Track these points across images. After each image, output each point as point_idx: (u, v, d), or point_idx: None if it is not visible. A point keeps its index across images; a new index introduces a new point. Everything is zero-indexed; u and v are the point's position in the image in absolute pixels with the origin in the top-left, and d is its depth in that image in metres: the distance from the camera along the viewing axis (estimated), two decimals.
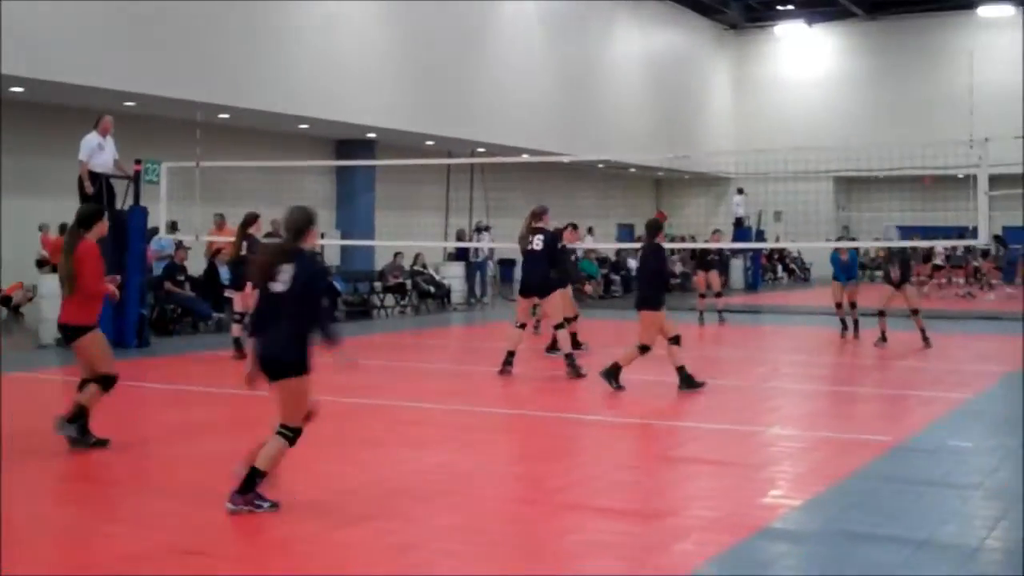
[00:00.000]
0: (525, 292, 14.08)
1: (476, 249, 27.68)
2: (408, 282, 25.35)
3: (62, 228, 21.41)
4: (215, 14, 22.43)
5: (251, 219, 15.75)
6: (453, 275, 27.49)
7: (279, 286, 6.96)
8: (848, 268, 18.80)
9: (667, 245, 30.61)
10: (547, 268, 13.80)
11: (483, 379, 13.78)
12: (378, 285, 24.93)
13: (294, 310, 6.93)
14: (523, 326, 14.22)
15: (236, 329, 15.53)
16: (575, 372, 13.39)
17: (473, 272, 28.17)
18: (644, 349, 12.16)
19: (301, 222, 7.24)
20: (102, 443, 8.78)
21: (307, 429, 7.14)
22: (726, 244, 25.69)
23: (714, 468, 8.81)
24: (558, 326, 13.92)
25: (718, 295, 22.21)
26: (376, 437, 9.80)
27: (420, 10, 28.03)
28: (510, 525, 7.04)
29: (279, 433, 7.04)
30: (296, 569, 6.01)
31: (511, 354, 13.71)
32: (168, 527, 6.82)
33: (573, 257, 21.00)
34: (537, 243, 13.80)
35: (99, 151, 16.61)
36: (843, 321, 18.85)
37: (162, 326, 18.78)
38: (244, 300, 15.21)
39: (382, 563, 6.07)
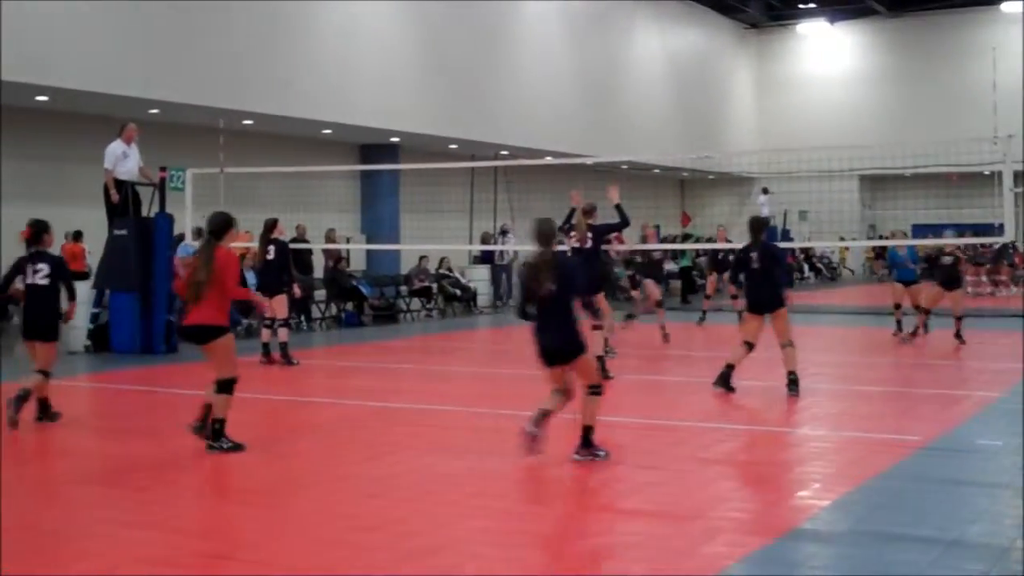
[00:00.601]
0: None
1: (501, 252, 27.69)
2: (434, 286, 25.38)
3: (76, 235, 21.56)
4: (237, 21, 22.52)
5: (271, 224, 15.86)
6: (479, 278, 27.51)
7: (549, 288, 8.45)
8: (904, 266, 18.47)
9: (693, 247, 30.36)
10: (596, 266, 13.62)
11: (510, 382, 13.77)
12: (404, 289, 24.98)
13: (562, 306, 8.51)
14: None
15: (265, 334, 15.57)
16: (603, 374, 13.35)
17: (499, 275, 28.18)
18: (786, 346, 12.10)
19: (549, 233, 8.72)
20: (238, 447, 8.94)
21: (332, 434, 7.16)
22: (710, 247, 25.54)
23: (743, 469, 8.78)
24: (595, 327, 13.74)
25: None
26: (402, 440, 9.80)
27: (441, 13, 28.07)
28: (537, 527, 7.02)
29: (591, 393, 8.67)
30: (323, 571, 6.01)
31: None
32: (194, 529, 6.85)
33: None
34: (586, 240, 13.67)
35: (124, 159, 16.72)
36: (899, 323, 18.50)
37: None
38: (276, 305, 15.27)
39: (408, 566, 6.07)
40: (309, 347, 19.11)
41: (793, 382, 12.02)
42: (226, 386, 8.89)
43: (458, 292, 25.93)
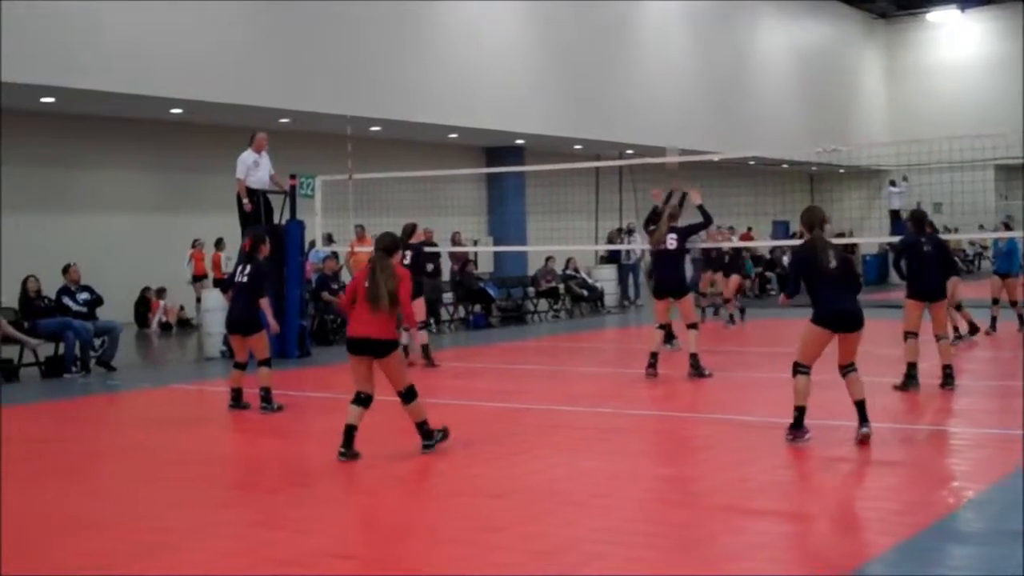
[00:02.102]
0: (659, 294, 13.96)
1: (627, 251, 27.60)
2: (561, 286, 25.42)
3: (217, 243, 22.15)
4: (363, 30, 22.86)
5: (410, 229, 16.04)
6: (605, 278, 27.44)
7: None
8: (1005, 259, 17.89)
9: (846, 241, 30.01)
10: (682, 268, 13.70)
11: (634, 382, 13.72)
12: (531, 290, 25.07)
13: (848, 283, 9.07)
14: (664, 327, 14.08)
15: (404, 337, 15.47)
16: (698, 372, 13.27)
17: (625, 274, 28.08)
18: (942, 338, 12.00)
19: (824, 219, 9.21)
20: (443, 435, 9.33)
21: (460, 435, 7.20)
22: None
23: (873, 467, 8.62)
24: (691, 325, 13.69)
25: (726, 301, 21.13)
26: (527, 440, 9.84)
27: (564, 14, 28.12)
28: (662, 527, 6.99)
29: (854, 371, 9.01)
30: (449, 571, 6.08)
31: (654, 356, 13.63)
32: (322, 530, 6.98)
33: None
34: (671, 242, 13.69)
35: (255, 168, 17.03)
36: (993, 319, 17.79)
37: (322, 336, 19.15)
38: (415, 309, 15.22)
39: (531, 566, 6.09)
40: (438, 349, 19.27)
41: (949, 376, 11.81)
42: (410, 394, 9.10)
43: (585, 292, 25.91)
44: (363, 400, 9.04)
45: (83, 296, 16.24)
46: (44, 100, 19.72)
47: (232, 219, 17.84)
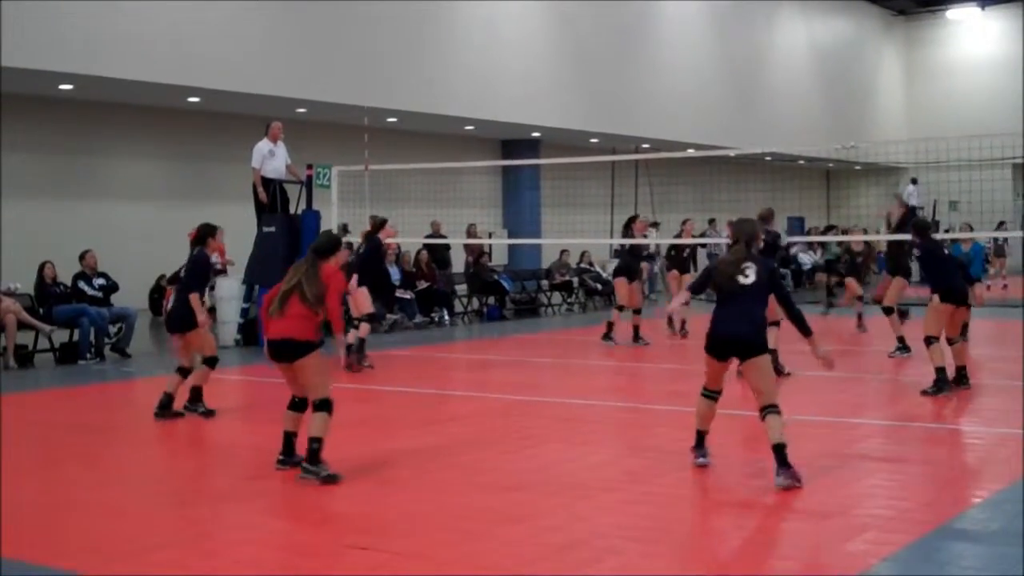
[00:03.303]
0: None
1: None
2: (575, 280, 25.41)
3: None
4: (380, 20, 22.85)
5: (379, 224, 15.21)
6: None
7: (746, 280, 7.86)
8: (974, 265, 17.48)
9: (838, 239, 29.80)
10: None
11: (649, 375, 13.72)
12: (545, 283, 25.06)
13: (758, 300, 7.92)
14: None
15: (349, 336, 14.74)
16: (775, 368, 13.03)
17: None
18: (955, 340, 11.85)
19: (753, 234, 8.16)
20: (332, 478, 7.90)
21: (475, 427, 7.22)
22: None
23: (889, 465, 8.59)
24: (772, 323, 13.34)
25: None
26: (541, 434, 9.85)
27: (581, 7, 28.07)
28: (676, 523, 6.99)
29: (773, 413, 7.70)
30: (457, 563, 6.08)
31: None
32: (338, 520, 6.99)
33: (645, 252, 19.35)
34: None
35: (270, 157, 17.07)
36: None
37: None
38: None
39: (545, 560, 6.10)
40: (451, 341, 19.32)
41: (964, 376, 11.76)
42: (324, 406, 8.06)
43: (599, 286, 25.87)
44: (297, 405, 8.34)
45: (99, 282, 16.30)
46: (62, 87, 19.75)
47: (248, 208, 17.89)
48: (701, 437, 8.26)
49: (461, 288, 23.22)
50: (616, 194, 30.80)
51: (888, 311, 15.14)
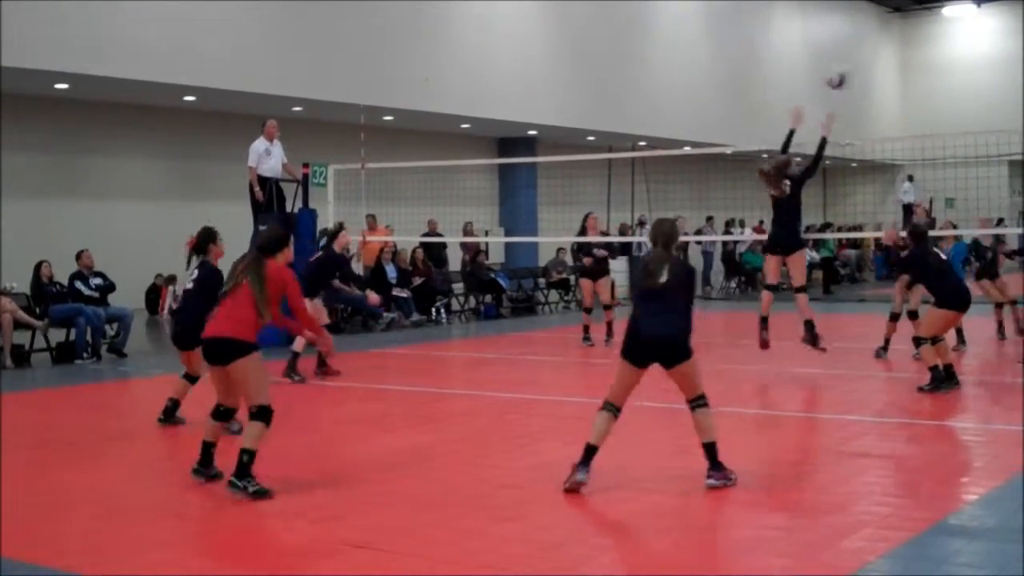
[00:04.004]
0: (771, 248, 13.83)
1: (639, 243, 27.54)
2: (571, 277, 25.41)
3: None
4: (376, 18, 22.83)
5: (334, 231, 14.52)
6: (617, 270, 27.35)
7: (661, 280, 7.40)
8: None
9: (835, 236, 29.73)
10: (798, 221, 13.72)
11: (647, 374, 13.68)
12: (542, 281, 25.06)
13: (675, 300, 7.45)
14: (772, 288, 13.50)
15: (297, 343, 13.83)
16: (812, 339, 12.84)
17: (637, 266, 28.02)
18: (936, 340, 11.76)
19: (671, 235, 7.63)
20: (263, 493, 7.45)
21: (471, 425, 7.22)
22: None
23: (885, 462, 8.60)
24: (799, 289, 13.12)
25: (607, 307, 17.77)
26: (540, 432, 9.86)
27: (576, 5, 28.05)
28: (669, 520, 6.98)
29: (703, 406, 7.50)
30: (453, 562, 6.09)
31: (764, 320, 13.21)
32: (334, 518, 6.99)
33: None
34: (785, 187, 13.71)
35: (266, 156, 17.06)
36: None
37: (332, 325, 19.09)
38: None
39: (536, 558, 6.10)
40: (448, 339, 19.32)
41: (952, 375, 11.76)
42: (262, 414, 7.49)
43: None
44: (221, 413, 7.88)
45: (95, 281, 16.29)
46: (58, 86, 19.74)
47: (244, 207, 17.88)
48: (590, 453, 7.50)
49: (458, 286, 23.22)
50: (613, 192, 30.81)
51: (912, 315, 14.57)
